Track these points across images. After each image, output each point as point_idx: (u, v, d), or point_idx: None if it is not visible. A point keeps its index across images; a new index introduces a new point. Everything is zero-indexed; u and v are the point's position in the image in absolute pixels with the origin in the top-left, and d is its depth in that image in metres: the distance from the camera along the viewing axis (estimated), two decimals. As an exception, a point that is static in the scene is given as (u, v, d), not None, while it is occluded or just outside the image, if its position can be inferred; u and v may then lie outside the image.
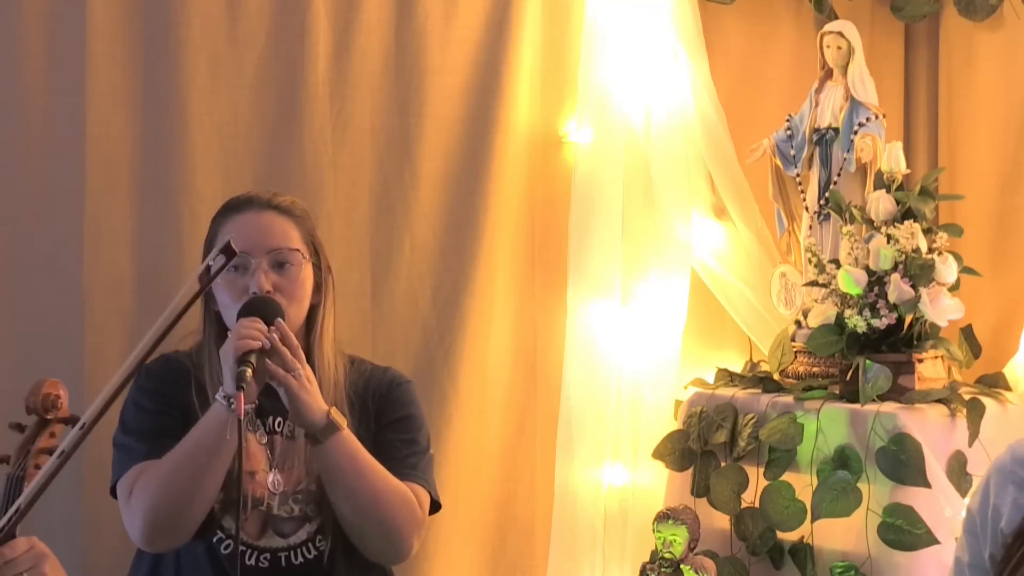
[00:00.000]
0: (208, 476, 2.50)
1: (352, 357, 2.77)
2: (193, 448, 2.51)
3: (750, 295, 3.56)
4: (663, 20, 3.53)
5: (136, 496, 2.56)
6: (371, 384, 2.73)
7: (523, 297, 3.60)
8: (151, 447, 2.57)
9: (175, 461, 2.52)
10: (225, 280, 2.62)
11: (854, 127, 3.32)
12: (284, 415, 2.64)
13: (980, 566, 2.04)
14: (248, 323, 2.49)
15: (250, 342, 2.45)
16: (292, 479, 2.63)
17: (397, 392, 2.74)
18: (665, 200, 3.53)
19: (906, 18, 3.75)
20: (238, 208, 2.69)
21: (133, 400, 2.67)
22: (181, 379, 2.64)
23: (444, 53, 3.49)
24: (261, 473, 2.62)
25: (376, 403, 2.72)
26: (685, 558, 3.13)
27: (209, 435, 2.49)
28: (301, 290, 2.64)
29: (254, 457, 2.62)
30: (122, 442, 2.64)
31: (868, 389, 3.08)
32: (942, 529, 2.97)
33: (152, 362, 2.70)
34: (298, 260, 2.63)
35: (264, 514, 2.60)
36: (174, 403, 2.62)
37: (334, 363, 2.68)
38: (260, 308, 2.54)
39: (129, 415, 2.66)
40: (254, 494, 2.60)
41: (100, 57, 3.26)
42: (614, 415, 3.52)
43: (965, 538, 2.08)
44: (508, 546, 3.56)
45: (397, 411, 2.72)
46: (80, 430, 2.16)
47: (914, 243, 3.14)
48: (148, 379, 2.67)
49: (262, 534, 2.60)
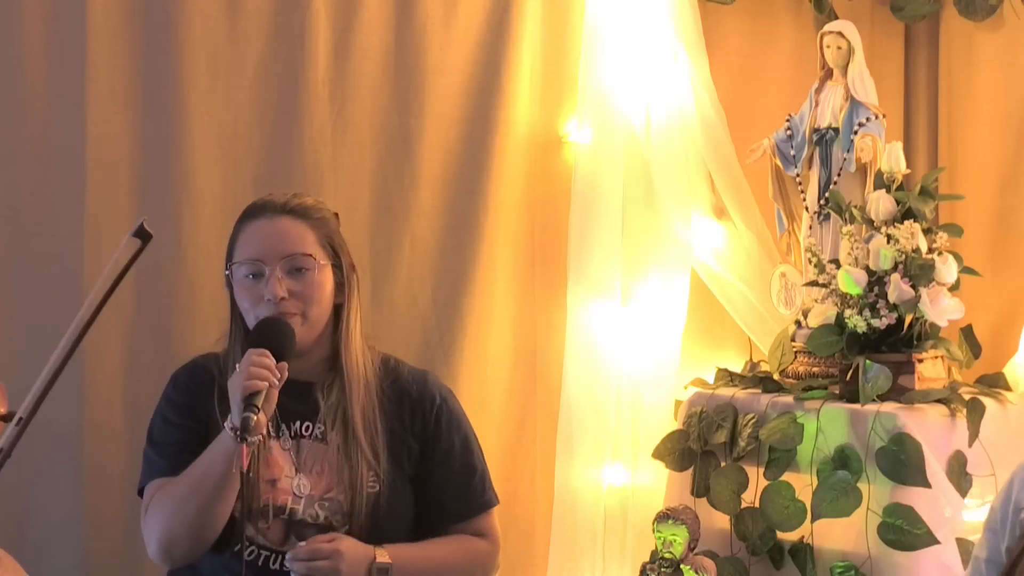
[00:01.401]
0: (217, 505, 2.53)
1: (385, 356, 2.77)
2: (202, 478, 2.53)
3: (750, 295, 3.56)
4: (663, 20, 3.53)
5: (151, 516, 2.59)
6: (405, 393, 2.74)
7: (523, 297, 3.60)
8: (171, 463, 2.61)
9: (186, 489, 2.55)
10: (243, 287, 2.64)
11: (854, 127, 3.31)
12: (312, 419, 2.65)
13: (997, 560, 2.06)
14: (257, 359, 2.48)
15: (257, 383, 2.45)
16: (321, 485, 2.63)
17: (440, 413, 2.76)
18: (665, 200, 3.53)
19: (906, 18, 3.75)
20: (254, 214, 2.71)
21: (160, 411, 2.70)
22: (205, 388, 2.66)
23: (444, 53, 3.49)
24: (284, 480, 2.62)
25: (412, 414, 2.73)
26: (685, 558, 3.13)
27: (216, 466, 2.50)
28: (319, 293, 2.65)
29: (275, 464, 2.63)
30: (148, 453, 2.69)
31: (868, 389, 3.08)
32: (942, 529, 2.97)
33: (181, 371, 2.73)
34: (312, 265, 2.64)
35: (287, 521, 2.61)
36: (196, 416, 2.64)
37: (363, 363, 2.69)
38: (269, 338, 2.54)
39: (156, 427, 2.70)
40: (275, 502, 2.61)
41: (100, 57, 3.25)
42: (614, 415, 3.52)
43: (985, 535, 2.10)
44: (508, 546, 3.54)
45: (448, 439, 2.75)
46: (17, 426, 2.13)
47: (914, 243, 3.14)
48: (175, 390, 2.70)
49: (285, 540, 2.61)
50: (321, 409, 2.66)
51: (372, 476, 2.64)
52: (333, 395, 2.67)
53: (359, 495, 2.61)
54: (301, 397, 2.65)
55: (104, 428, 3.26)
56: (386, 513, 2.65)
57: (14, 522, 3.20)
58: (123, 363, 3.28)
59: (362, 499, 2.61)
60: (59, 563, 3.22)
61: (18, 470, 2.40)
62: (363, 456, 2.63)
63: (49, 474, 3.20)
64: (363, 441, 2.63)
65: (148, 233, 2.28)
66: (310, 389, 2.68)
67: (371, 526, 2.62)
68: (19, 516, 3.21)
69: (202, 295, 3.27)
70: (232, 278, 2.68)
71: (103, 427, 3.26)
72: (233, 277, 2.67)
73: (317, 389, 2.68)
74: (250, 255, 2.65)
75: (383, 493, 2.64)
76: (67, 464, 3.23)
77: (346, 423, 2.64)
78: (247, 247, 2.66)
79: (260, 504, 2.58)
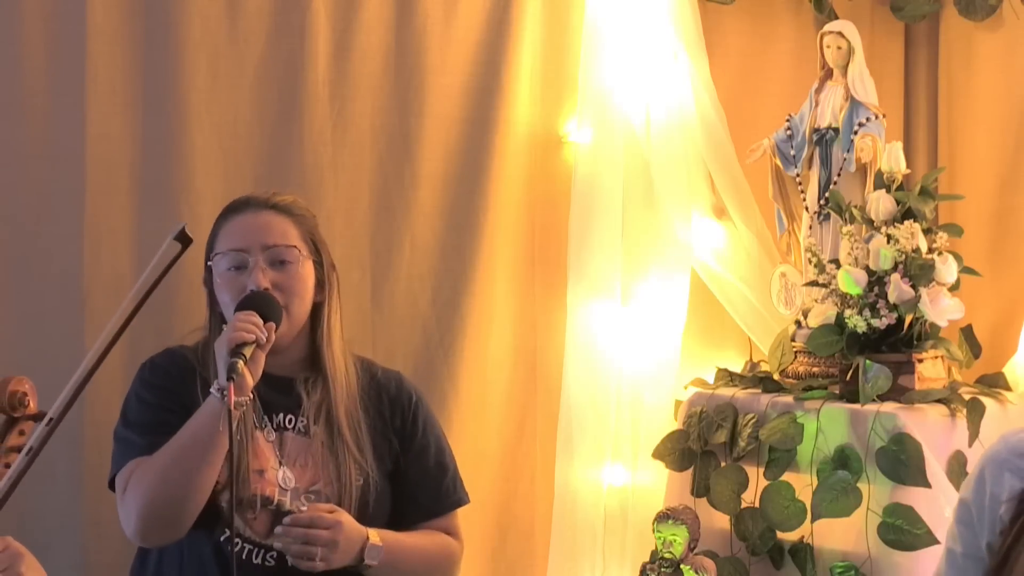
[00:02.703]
0: (203, 470, 2.50)
1: (359, 357, 2.78)
2: (188, 442, 2.51)
3: (750, 295, 3.56)
4: (663, 20, 3.53)
5: (131, 490, 2.55)
6: (383, 390, 2.76)
7: (523, 297, 3.60)
8: (150, 442, 2.57)
9: (170, 455, 2.52)
10: (225, 279, 2.64)
11: (854, 127, 3.32)
12: (294, 411, 2.65)
13: (975, 555, 2.03)
14: (244, 316, 2.51)
15: (244, 335, 2.47)
16: (306, 478, 2.63)
17: (417, 411, 2.78)
18: (665, 200, 3.53)
19: (906, 18, 3.75)
20: (236, 209, 2.71)
21: (136, 393, 2.67)
22: (187, 375, 2.64)
23: (444, 53, 3.49)
24: (270, 471, 2.62)
25: (392, 411, 2.74)
26: (685, 558, 3.13)
27: (204, 428, 2.49)
28: (301, 286, 2.66)
29: (262, 455, 2.62)
30: (123, 435, 2.64)
31: (868, 389, 3.08)
32: (942, 529, 2.95)
33: (157, 356, 2.71)
34: (295, 257, 2.64)
35: (273, 512, 2.60)
36: (177, 399, 2.62)
37: (344, 364, 2.70)
38: (257, 303, 2.56)
39: (131, 408, 2.66)
40: (263, 493, 2.60)
41: (100, 57, 3.25)
42: (614, 415, 3.52)
43: (957, 528, 2.07)
44: (508, 546, 3.56)
45: (423, 436, 2.77)
46: (47, 426, 2.14)
47: (914, 243, 3.14)
48: (152, 373, 2.68)
49: (270, 532, 2.60)
50: (304, 403, 2.66)
51: (358, 471, 2.64)
52: (317, 392, 2.66)
53: (346, 489, 2.62)
54: (283, 390, 2.65)
55: (104, 428, 3.24)
56: (372, 508, 2.66)
57: (14, 522, 3.19)
58: (123, 363, 3.27)
59: (349, 493, 2.62)
60: (59, 563, 3.21)
61: (18, 470, 2.40)
62: (349, 452, 2.63)
63: (49, 474, 3.20)
64: (348, 437, 2.64)
65: (189, 238, 2.33)
66: (291, 383, 2.68)
67: (358, 519, 2.62)
68: (19, 516, 3.20)
69: (202, 295, 3.25)
70: (213, 271, 2.67)
71: (103, 427, 3.24)
72: (215, 270, 2.67)
73: (298, 384, 2.68)
74: (233, 246, 2.64)
75: (368, 488, 2.65)
76: (67, 464, 3.23)
77: (330, 420, 2.65)
78: (230, 238, 2.66)
79: (249, 494, 2.58)
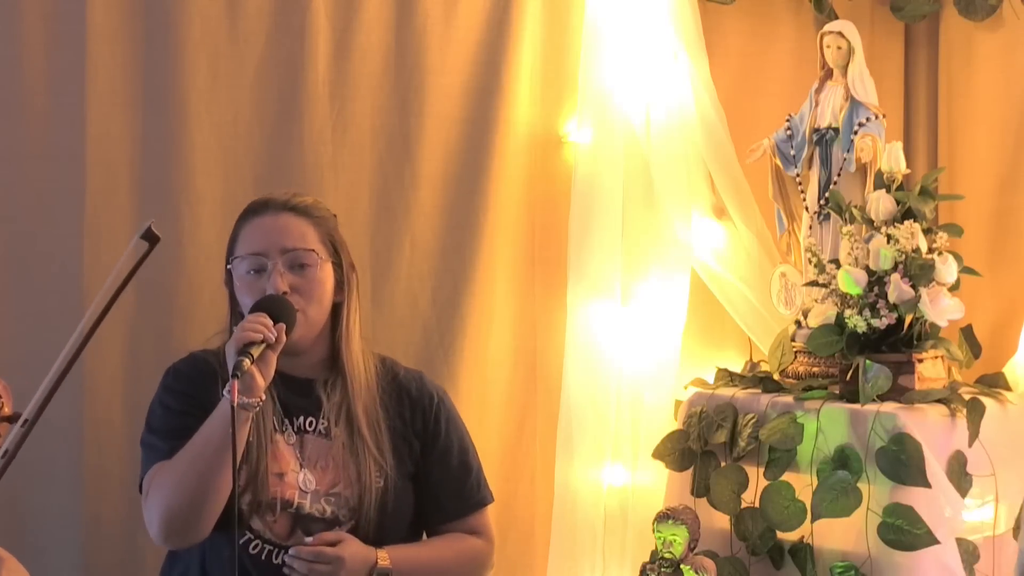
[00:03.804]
0: (218, 472, 2.51)
1: (382, 357, 2.78)
2: (202, 445, 2.53)
3: (750, 295, 3.56)
4: (663, 20, 3.53)
5: (152, 494, 2.58)
6: (404, 391, 2.76)
7: (523, 297, 3.60)
8: (172, 447, 2.60)
9: (186, 459, 2.54)
10: (244, 283, 2.65)
11: (854, 127, 3.31)
12: (315, 414, 2.66)
13: None
14: (253, 318, 2.53)
15: (251, 334, 2.48)
16: (326, 480, 2.64)
17: (439, 411, 2.79)
18: (665, 200, 3.53)
19: (906, 18, 3.75)
20: (256, 211, 2.72)
21: (160, 400, 2.70)
22: (208, 379, 2.66)
23: (444, 53, 3.49)
24: (291, 474, 2.62)
25: (412, 413, 2.74)
26: (685, 558, 3.13)
27: (216, 431, 2.51)
28: (320, 289, 2.67)
29: (282, 458, 2.63)
30: (148, 441, 2.67)
31: (868, 389, 3.08)
32: (942, 529, 2.97)
33: (180, 362, 2.73)
34: (314, 260, 2.66)
35: (294, 514, 2.61)
36: (199, 404, 2.63)
37: (363, 363, 2.71)
38: (269, 306, 2.56)
39: (155, 415, 2.69)
40: (283, 496, 2.61)
41: (100, 57, 3.26)
42: (614, 415, 3.52)
43: None
44: (508, 546, 3.56)
45: (447, 437, 2.77)
46: (22, 427, 2.13)
47: (914, 243, 3.14)
48: (176, 379, 2.70)
49: (291, 534, 2.61)
50: (324, 405, 2.67)
51: (378, 472, 2.65)
52: (336, 394, 2.68)
53: (367, 491, 2.63)
54: (303, 393, 2.66)
55: (104, 427, 3.26)
56: (392, 509, 2.66)
57: (14, 522, 3.20)
58: (123, 363, 3.28)
59: (370, 495, 2.63)
60: (59, 563, 3.22)
61: (18, 470, 2.39)
62: (369, 453, 2.64)
63: (49, 474, 3.20)
64: (368, 438, 2.65)
65: (156, 236, 2.31)
66: (311, 385, 2.69)
67: (378, 521, 2.63)
68: (19, 516, 3.21)
69: (202, 295, 3.28)
70: (233, 274, 2.68)
71: (103, 426, 3.26)
72: (234, 273, 2.68)
73: (318, 386, 2.69)
74: (252, 249, 2.66)
75: (388, 489, 2.65)
76: (67, 464, 3.23)
77: (350, 421, 2.66)
78: (249, 242, 2.67)
79: (269, 497, 2.59)
